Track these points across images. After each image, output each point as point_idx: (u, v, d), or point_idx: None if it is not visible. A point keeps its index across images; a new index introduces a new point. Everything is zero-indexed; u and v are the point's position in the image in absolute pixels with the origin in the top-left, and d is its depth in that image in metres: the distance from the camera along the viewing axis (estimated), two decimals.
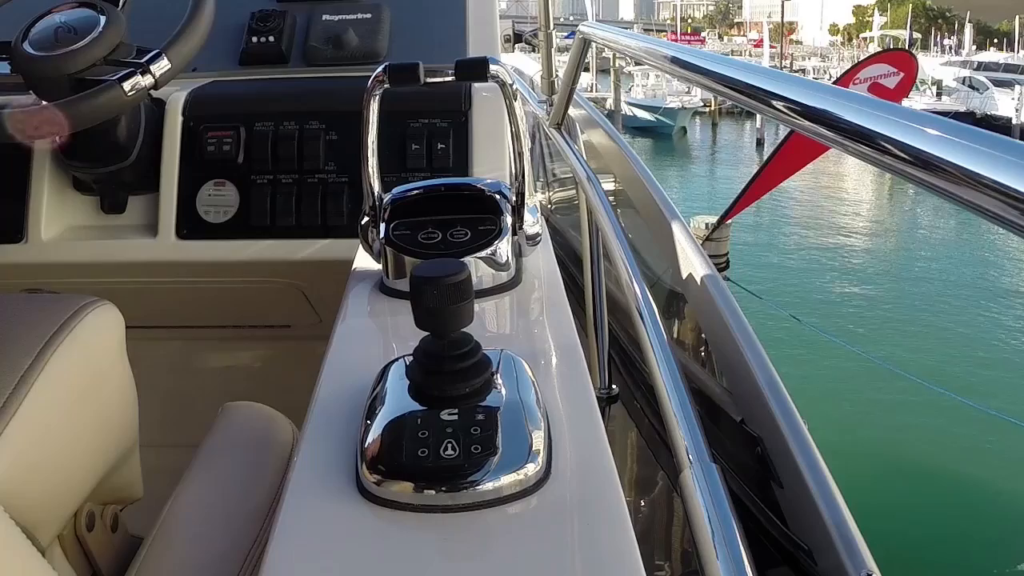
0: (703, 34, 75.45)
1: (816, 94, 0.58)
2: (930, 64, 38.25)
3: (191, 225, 1.25)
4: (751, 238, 15.36)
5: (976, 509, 6.53)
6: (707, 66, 0.80)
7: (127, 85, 1.03)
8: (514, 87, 0.78)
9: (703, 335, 1.29)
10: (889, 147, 0.46)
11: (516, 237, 0.77)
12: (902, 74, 8.28)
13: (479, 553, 0.44)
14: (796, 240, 15.82)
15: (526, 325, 0.73)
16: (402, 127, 1.24)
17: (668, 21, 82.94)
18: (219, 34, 1.20)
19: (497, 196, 0.79)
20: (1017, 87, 27.75)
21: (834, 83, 10.69)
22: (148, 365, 1.01)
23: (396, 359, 0.56)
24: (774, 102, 0.64)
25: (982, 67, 35.33)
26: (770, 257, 14.45)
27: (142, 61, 1.05)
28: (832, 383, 8.43)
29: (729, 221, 9.84)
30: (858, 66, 8.83)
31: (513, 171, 0.80)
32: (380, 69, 0.75)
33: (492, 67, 0.75)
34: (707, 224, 9.96)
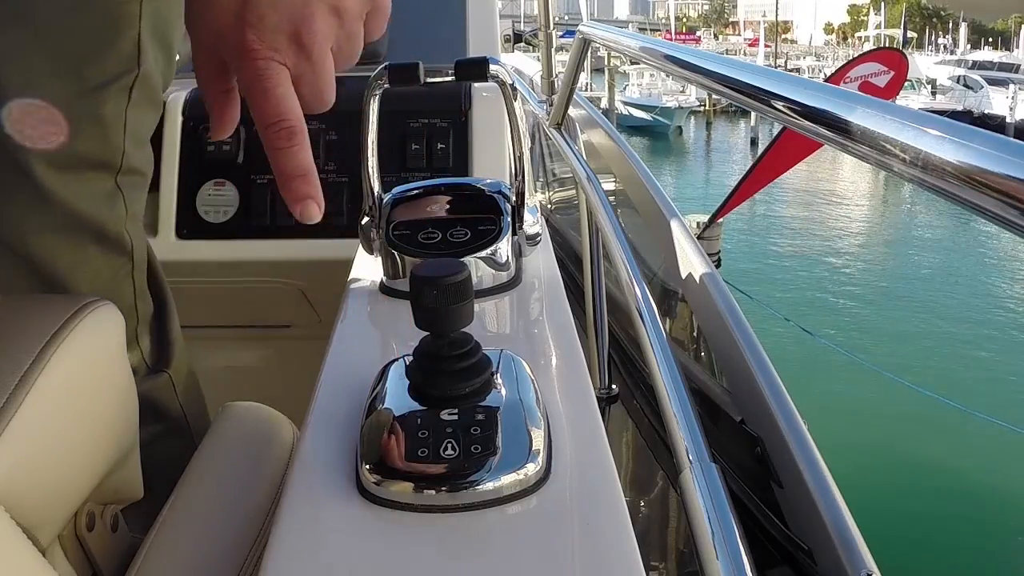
0: (698, 33, 75.53)
1: (814, 93, 0.58)
2: (925, 63, 38.29)
3: (191, 225, 1.24)
4: (745, 233, 15.39)
5: (976, 511, 6.54)
6: (706, 66, 0.81)
7: None
8: (514, 87, 0.78)
9: (703, 335, 1.29)
10: (887, 146, 0.46)
11: (516, 237, 0.77)
12: (892, 73, 8.29)
13: (479, 553, 0.44)
14: (790, 236, 15.83)
15: (526, 325, 0.73)
16: (402, 127, 1.23)
17: (663, 20, 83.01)
18: None
19: (497, 196, 0.79)
20: (1012, 86, 27.81)
21: (825, 82, 10.66)
22: None
23: (396, 359, 0.56)
24: (772, 101, 0.64)
25: (976, 66, 35.43)
26: (762, 253, 14.46)
27: None
28: (829, 385, 8.44)
29: (721, 219, 9.82)
30: (849, 65, 8.83)
31: (513, 171, 0.80)
32: (380, 69, 0.75)
33: (492, 67, 0.75)
34: (698, 223, 9.93)
